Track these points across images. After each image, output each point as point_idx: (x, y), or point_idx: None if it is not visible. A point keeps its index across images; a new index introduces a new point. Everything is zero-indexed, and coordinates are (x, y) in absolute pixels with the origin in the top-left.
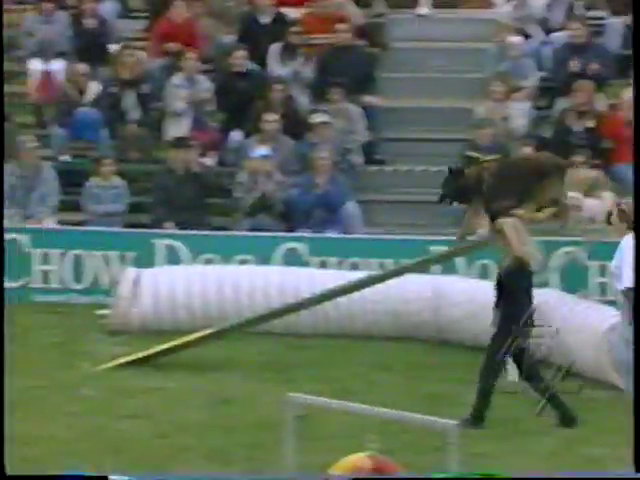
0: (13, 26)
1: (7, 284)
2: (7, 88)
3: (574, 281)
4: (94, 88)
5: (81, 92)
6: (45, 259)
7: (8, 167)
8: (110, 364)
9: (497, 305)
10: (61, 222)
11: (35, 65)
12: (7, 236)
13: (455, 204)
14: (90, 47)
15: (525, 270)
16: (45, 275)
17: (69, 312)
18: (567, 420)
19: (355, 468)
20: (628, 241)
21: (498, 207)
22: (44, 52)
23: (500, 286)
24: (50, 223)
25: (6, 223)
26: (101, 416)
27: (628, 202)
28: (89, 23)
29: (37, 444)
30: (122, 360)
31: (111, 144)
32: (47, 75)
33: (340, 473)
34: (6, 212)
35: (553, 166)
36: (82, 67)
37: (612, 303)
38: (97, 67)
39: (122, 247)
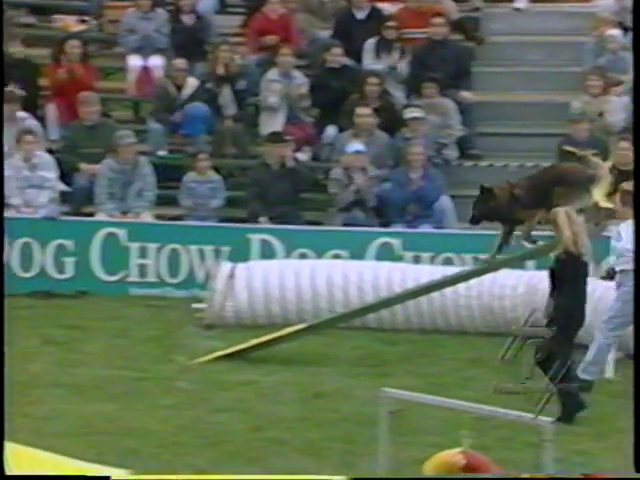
0: (113, 23)
1: (106, 277)
2: (106, 84)
3: None
4: (192, 84)
5: (179, 88)
6: (142, 253)
7: (107, 162)
8: (205, 358)
9: (551, 294)
10: (158, 216)
11: (134, 61)
12: (106, 230)
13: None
14: (188, 43)
15: (577, 259)
16: (142, 269)
17: (165, 306)
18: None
19: (448, 464)
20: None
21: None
22: (143, 48)
23: (553, 275)
24: (147, 217)
25: (105, 217)
26: (196, 409)
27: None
28: (187, 19)
29: (134, 436)
30: (217, 354)
31: (207, 139)
32: (146, 71)
33: (433, 469)
34: (105, 206)
35: (581, 177)
36: (180, 63)
37: None
38: (195, 63)
39: (217, 241)
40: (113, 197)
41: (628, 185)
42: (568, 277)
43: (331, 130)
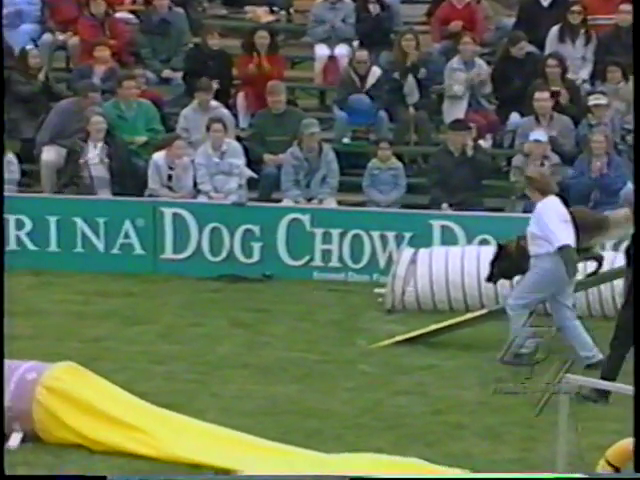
0: (302, 13)
1: (291, 262)
2: (294, 73)
3: None
4: (375, 72)
5: (363, 77)
6: (325, 238)
7: (292, 150)
8: (386, 341)
9: (626, 273)
10: (341, 203)
11: (321, 50)
12: (290, 216)
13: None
14: (373, 32)
15: None
16: (325, 254)
17: (347, 290)
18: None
19: (628, 452)
20: (545, 204)
21: None
22: (330, 38)
23: (628, 254)
24: (331, 204)
25: (290, 203)
26: (377, 392)
27: (538, 169)
28: (373, 9)
29: (317, 417)
30: (398, 338)
31: (390, 127)
32: (332, 60)
33: (614, 456)
34: (290, 193)
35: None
36: (365, 52)
37: None
38: (379, 52)
39: (399, 227)
40: (298, 184)
41: (531, 172)
42: None
43: (514, 117)
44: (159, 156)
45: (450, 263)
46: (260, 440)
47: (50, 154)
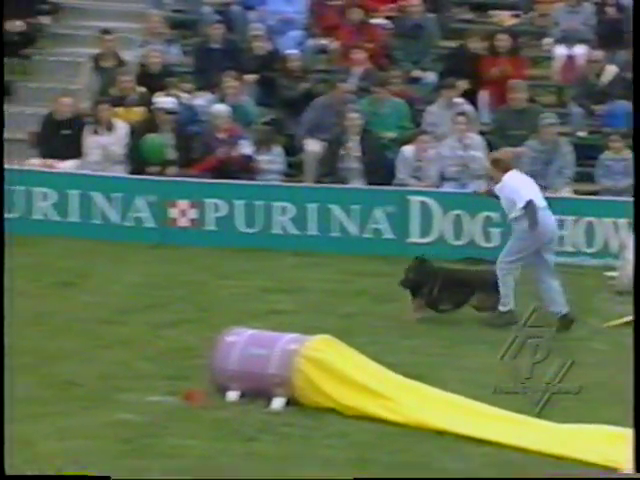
0: (543, 16)
1: None
2: (534, 72)
3: None
4: (611, 71)
5: (598, 75)
6: (560, 224)
7: (530, 143)
8: (616, 322)
9: None
10: (576, 192)
11: (559, 50)
12: None
13: None
14: (610, 33)
15: None
16: (560, 239)
17: (580, 273)
18: None
19: None
20: (512, 177)
21: None
22: (568, 39)
23: None
24: (565, 193)
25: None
26: (609, 368)
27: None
28: (611, 12)
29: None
30: (626, 319)
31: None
32: (570, 59)
33: None
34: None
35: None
36: (597, 55)
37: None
38: (615, 52)
39: (630, 215)
40: (535, 175)
41: (493, 155)
42: None
43: None
44: (407, 149)
45: None
46: (497, 410)
47: (313, 146)
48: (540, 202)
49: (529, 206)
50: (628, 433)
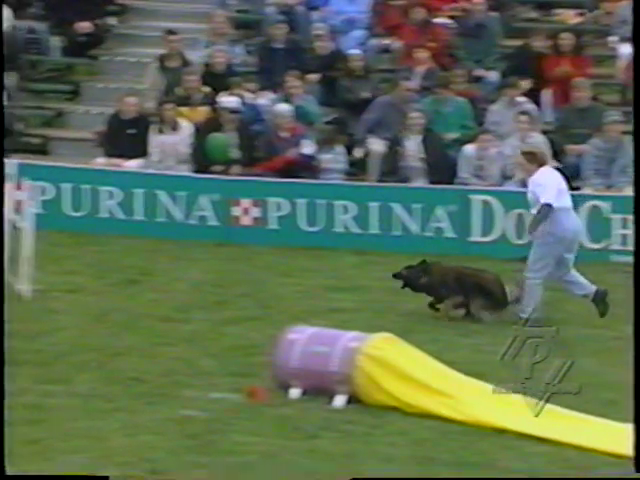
0: (608, 15)
1: (590, 245)
2: (597, 70)
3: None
4: None
5: None
6: (624, 224)
7: (593, 141)
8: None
9: None
10: None
11: (624, 49)
12: (591, 202)
13: None
14: None
15: None
16: (623, 238)
17: None
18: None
19: None
20: (542, 173)
21: None
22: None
23: None
24: (629, 191)
25: (590, 191)
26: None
27: (532, 144)
28: None
29: (613, 389)
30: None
31: None
32: (634, 58)
33: None
34: (591, 181)
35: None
36: None
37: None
38: None
39: None
40: (598, 173)
41: (528, 148)
42: None
43: None
44: (469, 148)
45: None
46: (556, 408)
47: (376, 145)
48: (564, 203)
49: (542, 210)
50: None
